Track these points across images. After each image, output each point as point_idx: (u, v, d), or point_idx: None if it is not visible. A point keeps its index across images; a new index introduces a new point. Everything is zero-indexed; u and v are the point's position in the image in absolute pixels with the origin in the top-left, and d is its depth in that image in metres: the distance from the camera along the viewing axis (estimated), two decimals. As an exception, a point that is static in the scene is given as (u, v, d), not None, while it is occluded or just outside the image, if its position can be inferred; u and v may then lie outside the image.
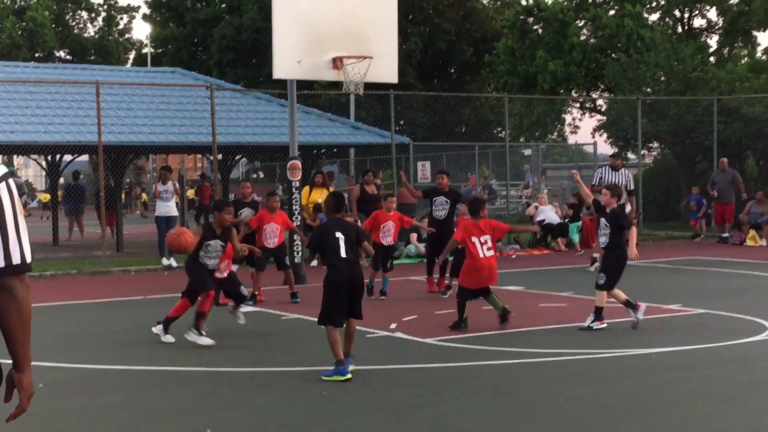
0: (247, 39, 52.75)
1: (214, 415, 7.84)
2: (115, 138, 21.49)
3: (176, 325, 11.14)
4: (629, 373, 9.24)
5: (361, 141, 25.64)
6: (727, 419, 7.48)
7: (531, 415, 7.67)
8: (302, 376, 9.29)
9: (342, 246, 8.84)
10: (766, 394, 8.27)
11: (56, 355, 10.31)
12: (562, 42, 38.33)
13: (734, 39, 39.31)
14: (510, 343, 10.65)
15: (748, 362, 9.65)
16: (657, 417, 7.57)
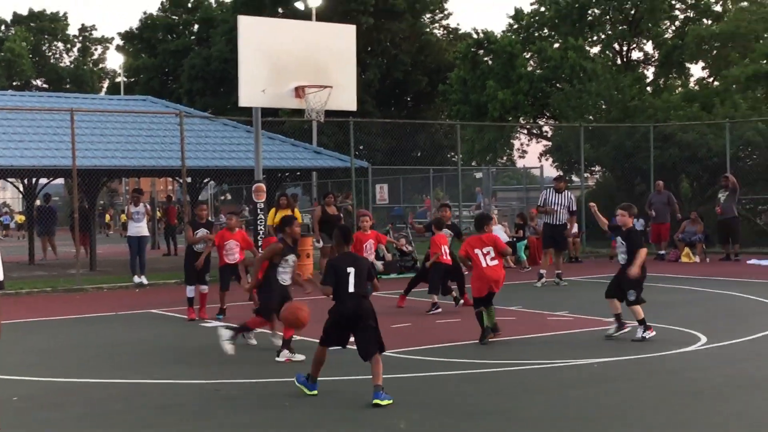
0: (215, 69, 52.62)
1: (178, 427, 7.73)
2: (88, 162, 21.28)
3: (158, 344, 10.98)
4: (575, 382, 9.25)
5: (323, 165, 25.58)
6: (659, 427, 7.49)
7: (479, 425, 7.63)
8: (266, 388, 9.19)
9: (351, 280, 8.43)
10: (700, 402, 8.30)
11: (30, 370, 10.14)
12: (510, 73, 38.62)
13: (669, 70, 39.88)
14: (461, 355, 10.62)
15: (683, 372, 9.69)
16: (603, 424, 7.57)
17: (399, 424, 7.36)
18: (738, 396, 8.50)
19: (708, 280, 18.94)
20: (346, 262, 8.55)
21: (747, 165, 28.21)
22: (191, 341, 12.39)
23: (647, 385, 9.02)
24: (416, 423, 7.67)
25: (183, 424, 7.78)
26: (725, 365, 10.01)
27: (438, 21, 57.79)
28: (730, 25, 34.51)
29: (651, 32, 39.86)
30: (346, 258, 8.65)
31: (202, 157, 23.41)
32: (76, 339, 12.83)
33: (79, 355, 11.48)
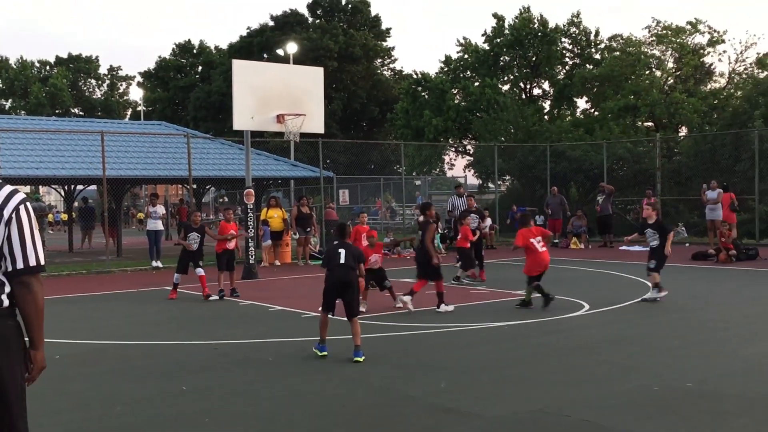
0: (215, 100, 52.09)
1: (188, 376, 7.67)
2: (115, 172, 20.97)
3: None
4: (489, 340, 9.32)
5: (298, 175, 25.47)
6: (556, 373, 7.59)
7: (408, 375, 7.66)
8: (254, 346, 9.15)
9: (342, 256, 8.43)
10: (582, 354, 8.42)
11: (69, 334, 9.98)
12: (442, 104, 38.74)
13: (561, 103, 40.27)
14: (406, 321, 10.64)
15: (572, 330, 9.82)
16: (510, 371, 7.65)
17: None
18: (610, 349, 8.63)
19: (591, 261, 19.19)
20: (339, 246, 8.62)
21: (619, 175, 28.63)
22: (195, 311, 12.28)
23: (544, 342, 9.13)
24: (371, 373, 7.67)
25: (191, 375, 7.71)
26: (602, 326, 10.16)
27: (387, 65, 57.82)
28: (607, 68, 34.95)
29: (548, 74, 40.21)
30: (339, 244, 8.67)
31: (204, 168, 23.18)
32: (106, 310, 12.65)
33: (109, 322, 11.32)
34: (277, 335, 9.68)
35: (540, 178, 28.84)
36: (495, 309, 11.81)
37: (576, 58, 40.68)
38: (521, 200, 31.28)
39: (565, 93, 38.92)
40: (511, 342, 9.13)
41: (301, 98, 17.18)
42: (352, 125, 54.53)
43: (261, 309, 12.17)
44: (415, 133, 39.39)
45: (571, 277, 16.03)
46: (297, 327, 9.94)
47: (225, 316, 11.62)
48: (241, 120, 16.67)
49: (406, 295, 11.53)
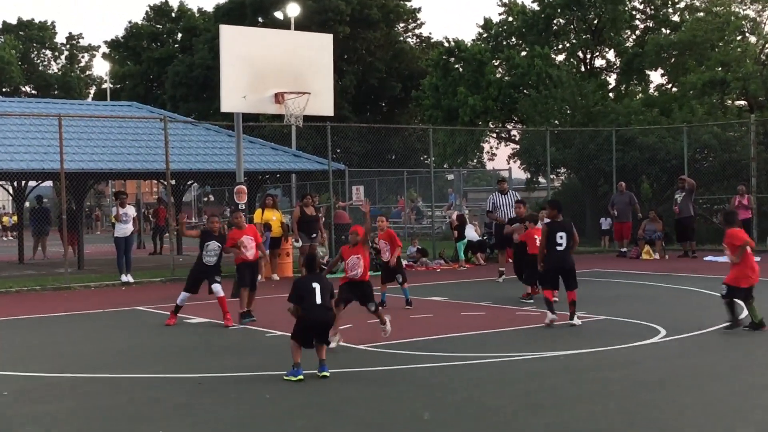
0: (198, 75, 52.40)
1: (164, 420, 7.71)
2: (76, 165, 21.15)
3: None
4: (541, 374, 9.29)
5: (302, 168, 25.55)
6: (625, 414, 7.55)
7: (454, 416, 7.66)
8: (247, 380, 9.18)
9: (318, 294, 9.14)
10: (658, 391, 8.37)
11: (19, 365, 10.07)
12: (480, 79, 38.71)
13: (630, 77, 40.10)
14: (434, 349, 10.65)
15: (642, 362, 9.76)
16: (567, 413, 7.62)
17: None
18: (692, 386, 8.58)
19: (667, 276, 19.08)
20: (312, 281, 9.27)
21: (703, 167, 28.45)
22: (175, 338, 12.35)
23: (608, 375, 9.09)
24: (390, 414, 7.68)
25: (169, 418, 7.76)
26: (682, 357, 10.10)
27: (411, 30, 57.90)
28: (688, 34, 34.74)
29: (613, 41, 40.06)
30: (311, 277, 9.36)
31: (185, 160, 23.31)
32: (65, 335, 12.75)
33: (68, 350, 11.41)
34: (276, 367, 9.70)
35: (603, 171, 28.72)
36: (547, 335, 11.76)
37: (649, 20, 40.49)
38: (580, 198, 31.22)
39: (635, 64, 38.73)
40: (570, 375, 9.10)
41: (304, 73, 17.24)
42: (369, 106, 54.62)
43: (256, 335, 12.21)
44: (446, 116, 39.38)
45: (643, 295, 15.95)
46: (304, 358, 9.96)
47: (211, 344, 11.68)
48: (231, 100, 16.75)
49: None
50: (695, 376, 9.04)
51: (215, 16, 54.66)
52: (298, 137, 36.65)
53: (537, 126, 31.76)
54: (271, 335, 12.00)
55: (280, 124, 26.19)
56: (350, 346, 10.96)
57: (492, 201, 19.54)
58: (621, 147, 27.95)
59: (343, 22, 49.44)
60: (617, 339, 11.13)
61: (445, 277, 20.44)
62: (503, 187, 19.60)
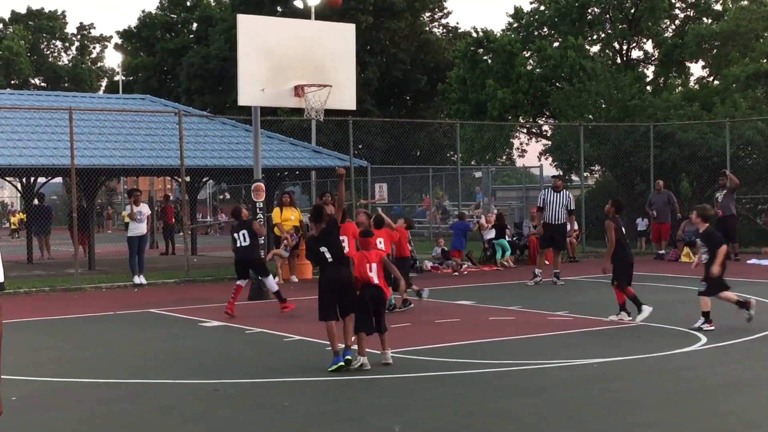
0: (214, 67, 52.60)
1: (179, 427, 7.77)
2: (87, 161, 21.31)
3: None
4: (572, 382, 9.28)
5: (322, 164, 25.62)
6: (659, 426, 7.53)
7: (480, 425, 7.67)
8: (264, 387, 9.23)
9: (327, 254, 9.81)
10: (696, 402, 8.35)
11: (29, 370, 10.17)
12: (509, 71, 38.65)
13: (669, 69, 39.92)
14: (462, 355, 10.65)
15: (683, 371, 9.73)
16: (596, 424, 7.61)
17: (394, 428, 7.41)
18: (734, 396, 8.54)
19: (707, 279, 18.93)
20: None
21: (747, 164, 28.26)
22: (189, 341, 12.43)
23: (645, 385, 9.06)
24: (410, 424, 7.70)
25: (184, 425, 7.82)
26: (724, 366, 10.06)
27: (437, 20, 57.85)
28: (730, 24, 34.55)
29: (651, 31, 39.91)
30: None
31: (200, 156, 23.43)
32: (75, 339, 12.87)
33: (78, 355, 11.51)
34: (295, 373, 9.75)
35: (641, 169, 28.60)
36: (580, 341, 11.74)
37: (689, 9, 40.27)
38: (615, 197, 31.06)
39: (675, 56, 38.55)
40: (602, 385, 9.08)
41: (325, 64, 17.28)
42: (392, 99, 54.63)
43: (274, 339, 12.27)
44: (474, 110, 39.35)
45: (683, 299, 15.86)
46: (320, 362, 10.00)
47: (228, 348, 11.75)
48: (249, 93, 16.82)
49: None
50: (734, 385, 8.99)
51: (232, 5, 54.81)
52: (319, 132, 36.75)
53: (570, 121, 31.67)
54: (289, 339, 12.05)
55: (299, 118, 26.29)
56: (372, 351, 10.99)
57: (543, 197, 19.42)
58: (659, 143, 27.81)
59: (366, 11, 49.47)
60: (654, 346, 11.09)
61: (472, 280, 20.43)
62: (557, 184, 19.44)
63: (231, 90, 41.01)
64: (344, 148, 25.28)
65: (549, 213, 18.99)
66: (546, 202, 19.12)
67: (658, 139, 27.80)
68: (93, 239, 25.03)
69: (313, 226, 10.17)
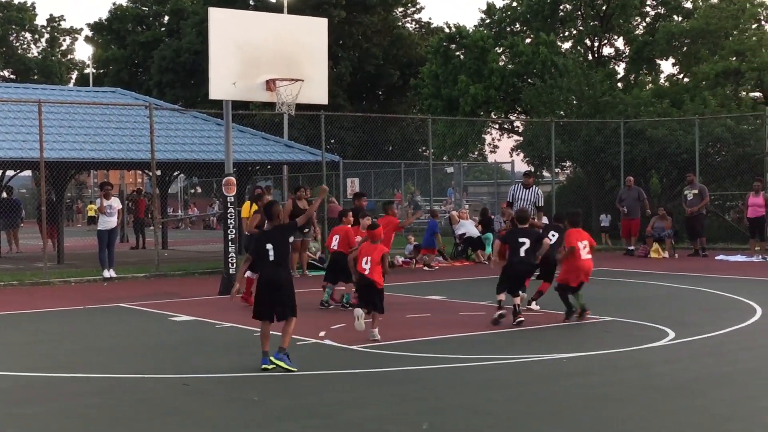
0: (185, 61, 52.33)
1: (150, 421, 7.74)
2: (56, 154, 21.14)
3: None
4: (543, 377, 9.34)
5: (294, 159, 25.57)
6: (628, 421, 7.60)
7: (450, 420, 7.70)
8: (235, 382, 9.22)
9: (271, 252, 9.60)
10: (664, 397, 8.42)
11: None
12: (482, 67, 38.72)
13: (639, 67, 40.15)
14: (432, 350, 10.69)
15: (651, 366, 9.81)
16: (567, 419, 7.66)
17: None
18: (701, 391, 8.62)
19: (676, 275, 19.14)
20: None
21: (716, 161, 28.51)
22: (160, 336, 12.38)
23: (613, 380, 9.13)
24: (383, 418, 7.72)
25: (154, 420, 7.79)
26: (693, 361, 10.15)
27: (410, 15, 57.87)
28: (701, 21, 34.81)
29: (622, 28, 40.12)
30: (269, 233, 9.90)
31: (171, 150, 23.32)
32: (44, 333, 12.77)
33: (48, 349, 11.43)
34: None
35: (611, 165, 28.77)
36: (549, 336, 11.81)
37: (660, 7, 40.54)
38: (586, 193, 31.28)
39: (645, 53, 38.76)
40: (572, 380, 9.14)
41: (298, 59, 17.23)
42: (365, 94, 54.59)
43: (245, 334, 12.24)
44: (446, 105, 39.39)
45: (652, 295, 16.00)
46: (292, 357, 9.99)
47: (198, 342, 11.72)
48: (220, 86, 16.75)
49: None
50: (701, 380, 9.08)
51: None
52: (291, 126, 36.67)
53: (541, 117, 31.80)
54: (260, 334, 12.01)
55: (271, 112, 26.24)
56: (342, 346, 11.00)
57: (512, 193, 19.52)
58: (629, 140, 27.99)
59: (339, 5, 49.41)
60: (623, 341, 11.18)
61: (443, 275, 20.48)
62: (527, 181, 19.56)
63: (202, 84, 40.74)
64: (316, 143, 25.25)
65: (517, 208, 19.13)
66: (515, 198, 19.27)
67: (628, 135, 27.98)
68: (62, 233, 24.83)
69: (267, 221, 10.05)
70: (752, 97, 33.88)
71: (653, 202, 26.36)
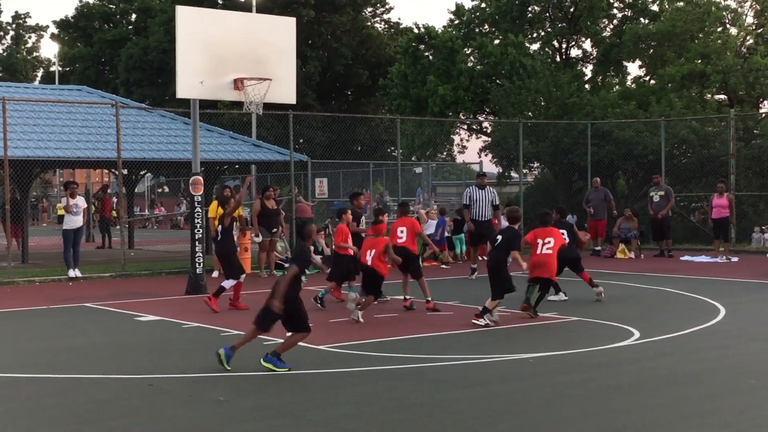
0: (153, 59, 52.02)
1: (113, 422, 7.67)
2: (21, 152, 20.91)
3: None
4: (509, 376, 9.36)
5: (262, 158, 25.48)
6: (594, 420, 7.64)
7: (417, 418, 7.70)
8: (200, 381, 9.17)
9: None
10: (629, 396, 8.47)
11: (-42, 364, 9.96)
12: (450, 68, 38.81)
13: (607, 68, 40.42)
14: (400, 350, 10.69)
15: (617, 366, 9.87)
16: (532, 418, 7.69)
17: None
18: (665, 390, 8.69)
19: (642, 276, 19.28)
20: None
21: (681, 163, 28.75)
22: (125, 336, 12.28)
23: (578, 379, 9.18)
24: (349, 417, 7.71)
25: (117, 419, 7.73)
26: (657, 360, 10.22)
27: (379, 15, 57.90)
28: (667, 24, 35.08)
29: (590, 30, 40.36)
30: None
31: (138, 148, 23.15)
32: (7, 333, 12.63)
33: (10, 349, 11.31)
34: (232, 368, 9.69)
35: (578, 166, 28.92)
36: (516, 336, 11.84)
37: (627, 9, 40.83)
38: (553, 194, 31.43)
39: (612, 55, 39.04)
40: (538, 379, 9.18)
41: (266, 58, 17.18)
42: (333, 94, 54.55)
43: (210, 333, 12.19)
44: (415, 106, 39.45)
45: (618, 295, 16.10)
46: (256, 357, 9.94)
47: (163, 343, 11.64)
48: (188, 85, 16.66)
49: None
50: (666, 379, 9.15)
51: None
52: (259, 126, 36.56)
53: (509, 118, 31.90)
54: (226, 334, 11.97)
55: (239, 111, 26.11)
56: (310, 346, 10.96)
57: (468, 195, 19.59)
58: (596, 141, 28.15)
59: (308, 5, 49.35)
60: (589, 341, 11.24)
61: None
62: (482, 182, 19.64)
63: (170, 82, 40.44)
64: (284, 142, 25.16)
65: (475, 210, 19.21)
66: (472, 200, 19.34)
67: (595, 136, 28.14)
68: (27, 232, 24.57)
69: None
70: (717, 99, 34.23)
71: (620, 203, 26.53)
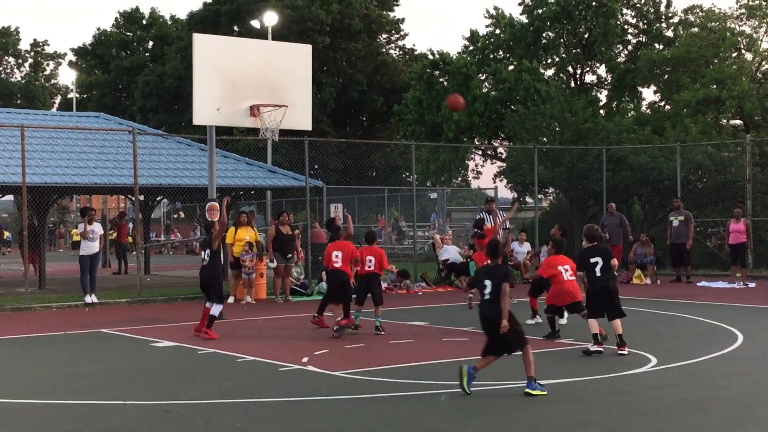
0: (169, 86, 52.36)
1: (130, 447, 7.67)
2: (39, 179, 21.07)
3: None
4: (524, 403, 9.31)
5: (277, 184, 25.57)
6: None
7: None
8: (216, 408, 9.15)
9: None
10: (647, 423, 8.41)
11: (-25, 390, 9.99)
12: (465, 94, 38.86)
13: (621, 94, 40.40)
14: (414, 376, 10.65)
15: (634, 392, 9.80)
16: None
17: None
18: (683, 417, 8.62)
19: (659, 301, 19.18)
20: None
21: (697, 188, 28.65)
22: (141, 362, 12.29)
23: (595, 406, 9.12)
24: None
25: (132, 446, 7.71)
26: (673, 387, 10.15)
27: (394, 41, 58.13)
28: (681, 50, 35.08)
29: (604, 56, 40.39)
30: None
31: (155, 175, 23.27)
32: (24, 359, 12.66)
33: (27, 375, 11.33)
34: (248, 394, 9.68)
35: (593, 191, 28.87)
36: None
37: (641, 35, 40.86)
38: (568, 219, 31.36)
39: (627, 81, 39.03)
40: (555, 406, 9.12)
41: (282, 84, 17.30)
42: (348, 120, 54.74)
43: (226, 359, 12.18)
44: (430, 131, 39.52)
45: (634, 321, 15.98)
46: (272, 383, 9.95)
47: (179, 368, 11.64)
48: (204, 112, 16.78)
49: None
50: (684, 406, 9.08)
51: (188, 23, 54.70)
52: (274, 152, 36.68)
53: (524, 143, 31.91)
54: (242, 360, 11.97)
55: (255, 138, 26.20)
56: (325, 372, 10.95)
57: (482, 219, 19.66)
58: (612, 166, 28.11)
59: (323, 32, 49.60)
60: (606, 368, 11.16)
61: (426, 300, 20.44)
62: (490, 207, 19.77)
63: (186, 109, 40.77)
64: (300, 168, 25.24)
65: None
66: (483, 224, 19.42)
67: (610, 162, 28.10)
68: (44, 258, 24.70)
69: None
70: (733, 124, 34.14)
71: (635, 229, 26.44)
